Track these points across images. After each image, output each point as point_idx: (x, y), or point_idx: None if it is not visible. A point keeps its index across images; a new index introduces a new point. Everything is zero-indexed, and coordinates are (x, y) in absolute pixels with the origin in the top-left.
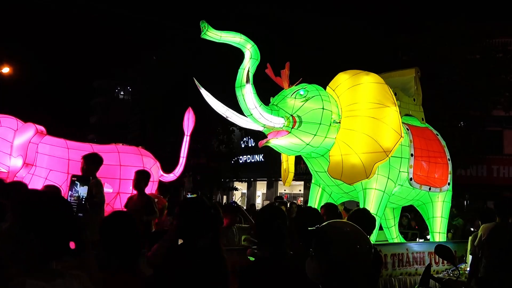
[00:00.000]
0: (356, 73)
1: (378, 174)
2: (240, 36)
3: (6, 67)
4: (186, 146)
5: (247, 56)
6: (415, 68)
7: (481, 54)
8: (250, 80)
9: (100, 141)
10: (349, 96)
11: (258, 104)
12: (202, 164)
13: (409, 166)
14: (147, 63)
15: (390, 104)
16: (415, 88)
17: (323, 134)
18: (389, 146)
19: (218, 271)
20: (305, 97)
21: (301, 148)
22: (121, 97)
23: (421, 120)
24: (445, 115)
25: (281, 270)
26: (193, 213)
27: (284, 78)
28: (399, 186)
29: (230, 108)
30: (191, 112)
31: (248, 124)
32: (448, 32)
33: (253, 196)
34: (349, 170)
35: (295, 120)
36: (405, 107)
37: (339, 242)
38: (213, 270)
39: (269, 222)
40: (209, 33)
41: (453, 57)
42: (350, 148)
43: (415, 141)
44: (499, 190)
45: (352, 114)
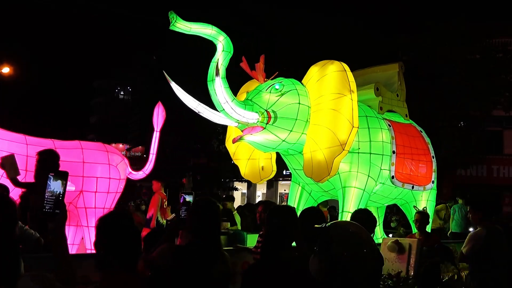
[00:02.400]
0: (324, 64)
1: (358, 172)
2: (212, 28)
3: (6, 67)
4: (156, 142)
5: (219, 48)
6: (399, 63)
7: (481, 54)
8: (221, 73)
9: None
10: (317, 89)
11: (230, 99)
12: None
13: (390, 164)
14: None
15: (346, 92)
16: (398, 83)
17: (299, 130)
18: (343, 138)
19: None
20: (281, 91)
21: (276, 145)
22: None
23: (404, 116)
24: (445, 115)
25: (284, 271)
26: (206, 214)
27: (259, 72)
28: (381, 184)
29: None
30: (161, 107)
31: (221, 120)
32: (448, 32)
33: (253, 196)
34: (316, 167)
35: (270, 115)
36: (387, 103)
37: (341, 242)
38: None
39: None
40: (178, 25)
41: (453, 57)
42: (316, 144)
43: (398, 137)
44: (499, 190)
45: (318, 108)
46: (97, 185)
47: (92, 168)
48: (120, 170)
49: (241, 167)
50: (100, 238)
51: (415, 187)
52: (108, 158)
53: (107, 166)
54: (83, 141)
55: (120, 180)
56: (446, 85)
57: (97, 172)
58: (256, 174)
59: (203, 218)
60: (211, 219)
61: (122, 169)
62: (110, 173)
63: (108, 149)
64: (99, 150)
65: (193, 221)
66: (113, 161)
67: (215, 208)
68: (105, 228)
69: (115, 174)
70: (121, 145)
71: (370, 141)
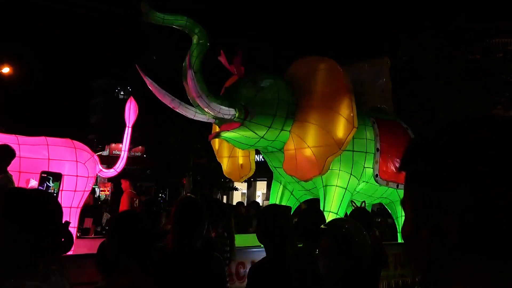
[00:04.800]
0: (312, 60)
1: (340, 170)
2: (186, 20)
3: (6, 67)
4: (128, 138)
5: (195, 41)
6: (385, 57)
7: (481, 54)
8: (196, 67)
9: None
10: (303, 86)
11: (204, 93)
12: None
13: (374, 162)
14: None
15: (343, 92)
16: (384, 79)
17: (278, 126)
18: (341, 137)
19: (212, 272)
20: (259, 86)
21: (254, 142)
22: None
23: (390, 113)
24: (445, 115)
25: (284, 271)
26: (187, 214)
27: (237, 66)
28: (364, 183)
29: None
30: (133, 102)
31: (196, 116)
32: (448, 32)
33: (253, 196)
34: (303, 165)
35: (247, 111)
36: (373, 99)
37: (360, 238)
38: (207, 271)
39: (271, 222)
40: (151, 16)
41: (453, 57)
42: (304, 142)
43: (382, 135)
44: None
45: (306, 104)
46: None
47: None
48: (89, 168)
49: (223, 165)
50: (113, 238)
51: (400, 186)
52: (75, 154)
53: (74, 163)
54: (49, 137)
55: (88, 178)
56: (446, 85)
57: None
58: (236, 172)
59: (185, 218)
60: (193, 219)
61: (91, 167)
62: (77, 171)
63: (76, 146)
64: (66, 147)
65: (175, 222)
66: (81, 158)
67: (198, 207)
68: (118, 228)
69: (83, 172)
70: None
71: (353, 139)
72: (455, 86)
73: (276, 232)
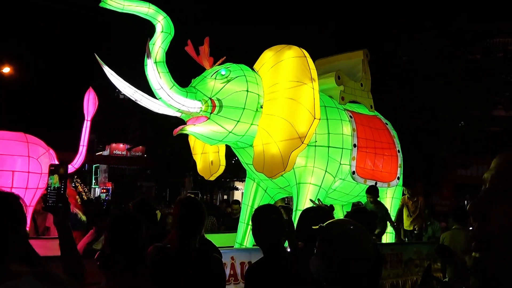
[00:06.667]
0: (280, 49)
1: (314, 167)
2: (149, 6)
3: (6, 67)
4: (87, 133)
5: (158, 29)
6: (364, 50)
7: (481, 54)
8: (159, 57)
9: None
10: (271, 76)
11: (167, 85)
12: None
13: (351, 158)
14: None
15: (307, 80)
16: (363, 72)
17: (248, 120)
18: (303, 130)
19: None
20: (227, 77)
21: (222, 137)
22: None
23: (369, 107)
24: (445, 115)
25: (281, 270)
26: (188, 214)
27: (204, 57)
28: (341, 180)
29: None
30: (92, 93)
31: (160, 109)
32: (448, 33)
33: None
34: (269, 161)
35: (215, 104)
36: (350, 93)
37: (342, 240)
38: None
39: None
40: (110, 1)
41: (453, 57)
42: (270, 136)
43: (359, 130)
44: None
45: (272, 96)
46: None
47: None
48: (42, 164)
49: (197, 162)
50: (110, 238)
51: (379, 184)
52: (28, 149)
53: (26, 159)
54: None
55: (41, 174)
56: (446, 85)
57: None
58: (207, 170)
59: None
60: (194, 219)
61: (45, 162)
62: (29, 167)
63: (29, 140)
64: (17, 141)
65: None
66: (34, 153)
67: (198, 207)
68: (115, 228)
69: (36, 168)
70: (122, 145)
71: (329, 134)
72: (455, 86)
73: (270, 232)
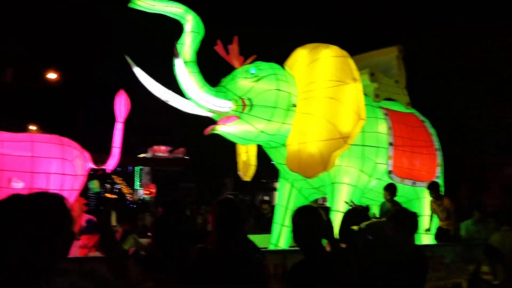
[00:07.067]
0: (315, 47)
1: (349, 166)
2: (178, 6)
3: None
4: (120, 134)
5: (187, 29)
6: (398, 46)
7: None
8: (187, 56)
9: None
10: (307, 75)
11: (197, 85)
12: None
13: (387, 157)
14: None
15: (349, 80)
16: (397, 68)
17: (279, 119)
18: (347, 131)
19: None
20: (257, 76)
21: (254, 136)
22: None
23: (405, 104)
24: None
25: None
26: (227, 215)
27: (234, 56)
28: (377, 180)
29: None
30: (123, 96)
31: (192, 109)
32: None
33: None
34: (306, 161)
35: (245, 103)
36: (385, 90)
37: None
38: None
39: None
40: (139, 2)
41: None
42: (307, 136)
43: (396, 128)
44: None
45: (309, 95)
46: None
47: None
48: (77, 166)
49: (238, 163)
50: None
51: (417, 183)
52: (62, 151)
53: (60, 161)
54: (35, 134)
55: (76, 176)
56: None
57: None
58: (242, 170)
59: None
60: (233, 220)
61: (79, 165)
62: (64, 169)
63: (64, 142)
64: (52, 144)
65: (218, 223)
66: (68, 155)
67: (237, 207)
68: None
69: (70, 170)
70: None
71: (363, 132)
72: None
73: (310, 233)
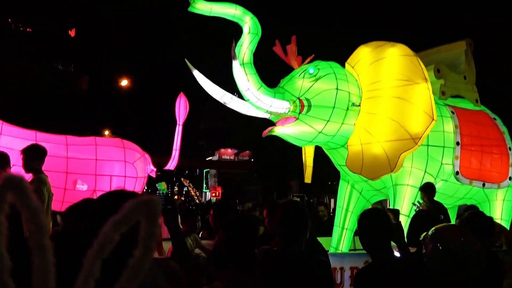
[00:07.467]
0: (380, 45)
1: (413, 167)
2: (236, 8)
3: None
4: (179, 137)
5: (245, 30)
6: (466, 40)
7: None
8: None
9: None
10: (371, 73)
11: (254, 86)
12: None
13: (454, 157)
14: None
15: (419, 80)
16: (466, 64)
17: (338, 120)
18: (418, 131)
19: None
20: (315, 76)
21: (312, 137)
22: None
23: (474, 101)
24: None
25: (391, 275)
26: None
27: (291, 55)
28: (443, 181)
29: None
30: (183, 98)
31: (249, 111)
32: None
33: None
34: (370, 162)
35: (303, 103)
36: (452, 87)
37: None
38: (310, 275)
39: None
40: (198, 6)
41: None
42: (372, 136)
43: (463, 127)
44: None
45: (374, 94)
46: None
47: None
48: (138, 168)
49: None
50: (227, 239)
51: (487, 185)
52: (124, 154)
53: (122, 164)
54: (99, 137)
55: (137, 178)
56: None
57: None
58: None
59: (288, 221)
60: (297, 222)
61: (140, 167)
62: (126, 171)
63: (126, 145)
64: (115, 147)
65: (281, 225)
66: (130, 158)
67: (302, 210)
68: (232, 230)
69: (132, 172)
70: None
71: None
72: None
73: (379, 236)
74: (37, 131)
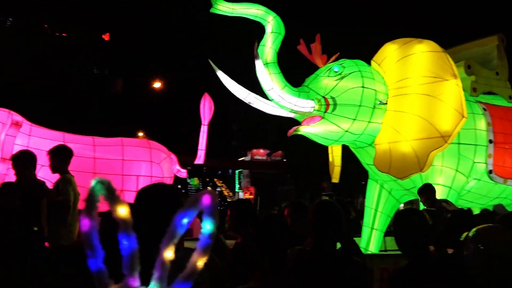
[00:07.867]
0: (407, 42)
1: (443, 166)
2: (258, 8)
3: (158, 82)
4: (205, 137)
5: (268, 30)
6: (499, 35)
7: None
8: (269, 57)
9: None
10: (398, 71)
11: (278, 86)
12: None
13: (487, 156)
14: None
15: (449, 76)
16: (498, 59)
17: (365, 118)
18: (448, 129)
19: (348, 276)
20: (340, 74)
21: (339, 136)
22: None
23: (507, 98)
24: None
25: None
26: (323, 216)
27: (316, 54)
28: (475, 180)
29: None
30: (208, 99)
31: (274, 110)
32: None
33: None
34: (399, 161)
35: (328, 102)
36: (484, 83)
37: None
38: (342, 275)
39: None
40: (220, 7)
41: None
42: (400, 134)
43: (496, 124)
44: None
45: (401, 92)
46: (138, 183)
47: (132, 166)
48: (164, 168)
49: None
50: (259, 239)
51: None
52: (150, 154)
53: (148, 164)
54: (125, 138)
55: (163, 178)
56: None
57: (139, 170)
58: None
59: (320, 221)
60: (330, 222)
61: (166, 167)
62: (152, 171)
63: (152, 146)
64: (141, 147)
65: (314, 225)
66: (156, 158)
67: (335, 210)
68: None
69: (158, 172)
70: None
71: None
72: None
73: (415, 238)
74: (65, 133)
